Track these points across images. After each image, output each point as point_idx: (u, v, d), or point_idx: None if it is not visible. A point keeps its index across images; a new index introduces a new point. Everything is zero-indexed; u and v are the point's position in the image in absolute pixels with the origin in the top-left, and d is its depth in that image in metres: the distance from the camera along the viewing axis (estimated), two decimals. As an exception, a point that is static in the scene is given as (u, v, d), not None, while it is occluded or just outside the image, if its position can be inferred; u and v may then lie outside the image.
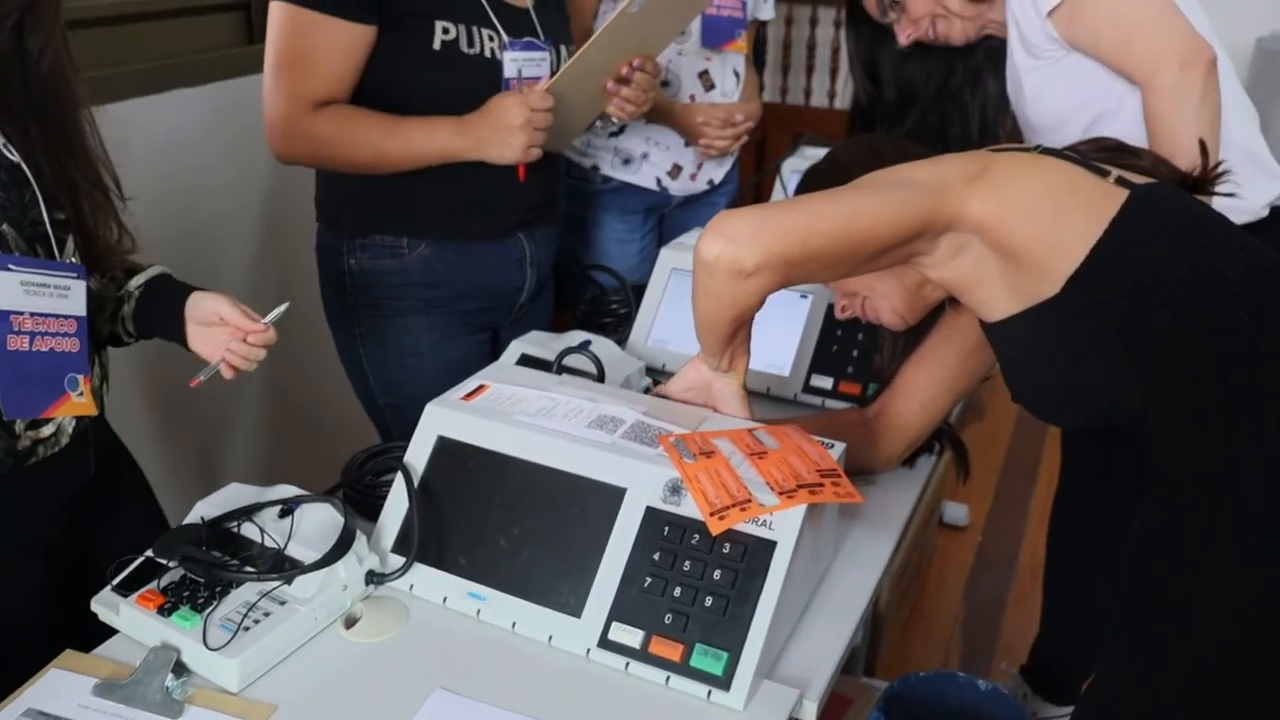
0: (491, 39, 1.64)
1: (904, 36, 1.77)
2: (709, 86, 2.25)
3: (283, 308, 1.30)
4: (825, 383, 1.62)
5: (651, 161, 2.25)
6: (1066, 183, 1.16)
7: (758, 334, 1.30)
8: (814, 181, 1.40)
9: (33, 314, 1.18)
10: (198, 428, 2.33)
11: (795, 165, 2.35)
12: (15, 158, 1.17)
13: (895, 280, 1.33)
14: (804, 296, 1.65)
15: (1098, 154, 1.23)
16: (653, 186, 2.27)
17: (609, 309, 1.81)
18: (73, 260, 1.23)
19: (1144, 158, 1.25)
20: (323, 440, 2.63)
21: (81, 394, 1.22)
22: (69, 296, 1.22)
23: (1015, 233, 1.13)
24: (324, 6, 1.55)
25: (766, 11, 2.42)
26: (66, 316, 1.22)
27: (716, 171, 2.34)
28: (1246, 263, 1.13)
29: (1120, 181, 1.15)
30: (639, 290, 1.84)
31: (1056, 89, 1.65)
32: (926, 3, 1.74)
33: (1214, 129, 1.45)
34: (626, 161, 2.25)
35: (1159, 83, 1.48)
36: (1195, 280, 1.11)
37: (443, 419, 1.25)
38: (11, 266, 1.17)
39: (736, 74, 2.31)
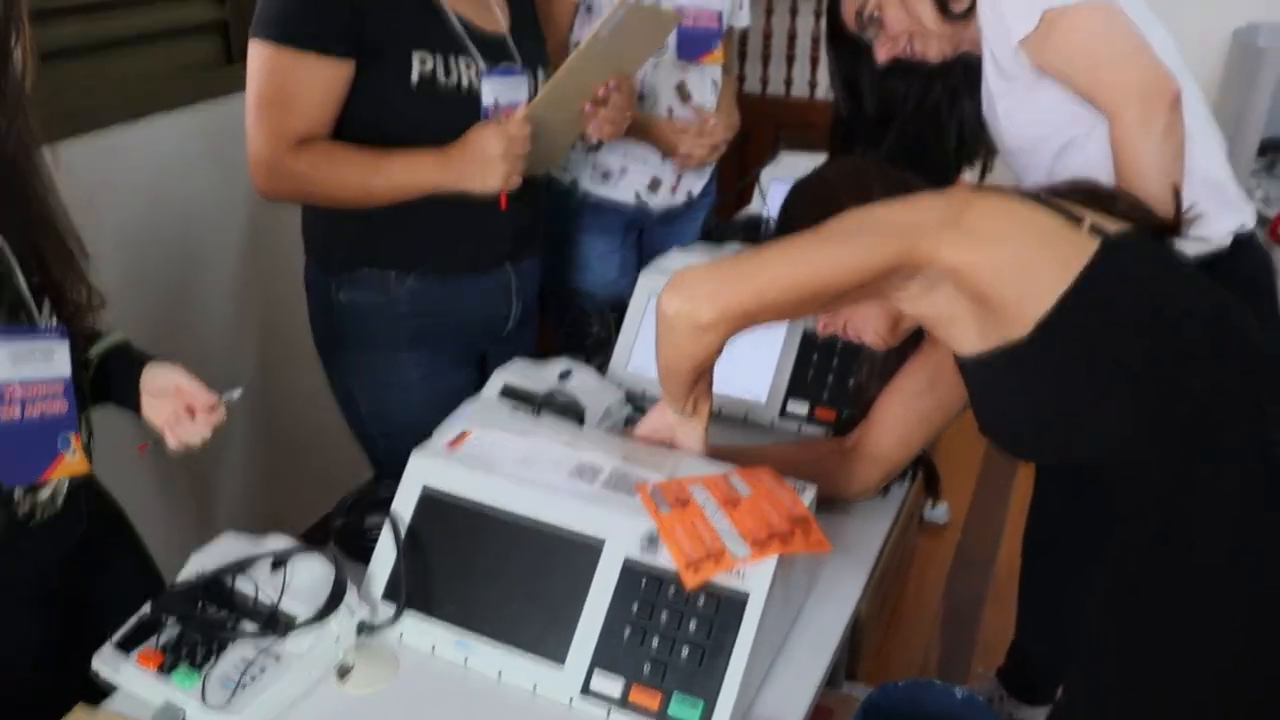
0: (469, 67, 1.67)
1: (882, 54, 1.79)
2: (686, 98, 2.28)
3: (237, 391, 1.32)
4: (801, 408, 1.66)
5: (630, 176, 2.28)
6: (1040, 232, 1.18)
7: (735, 360, 1.38)
8: (800, 200, 1.42)
9: (22, 382, 1.21)
10: (187, 460, 2.36)
11: (774, 173, 2.37)
12: None
13: (878, 302, 1.35)
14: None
15: (1075, 196, 1.26)
16: (631, 201, 2.30)
17: (590, 331, 1.84)
18: (51, 323, 1.26)
19: (1120, 201, 1.27)
20: (314, 466, 2.67)
21: (74, 452, 1.25)
22: (54, 360, 1.25)
23: (986, 280, 1.16)
24: (302, 44, 1.57)
25: (743, 19, 2.44)
26: (53, 379, 1.25)
27: (695, 184, 2.37)
28: (1211, 314, 1.17)
29: (1094, 229, 1.17)
30: (620, 309, 1.88)
31: (1027, 113, 1.69)
32: (904, 19, 1.76)
33: (1177, 164, 1.49)
34: (605, 176, 2.28)
35: (1124, 116, 1.52)
36: (1159, 329, 1.15)
37: (428, 470, 1.29)
38: None
39: (714, 84, 2.33)
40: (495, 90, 1.68)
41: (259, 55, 1.60)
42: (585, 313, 1.86)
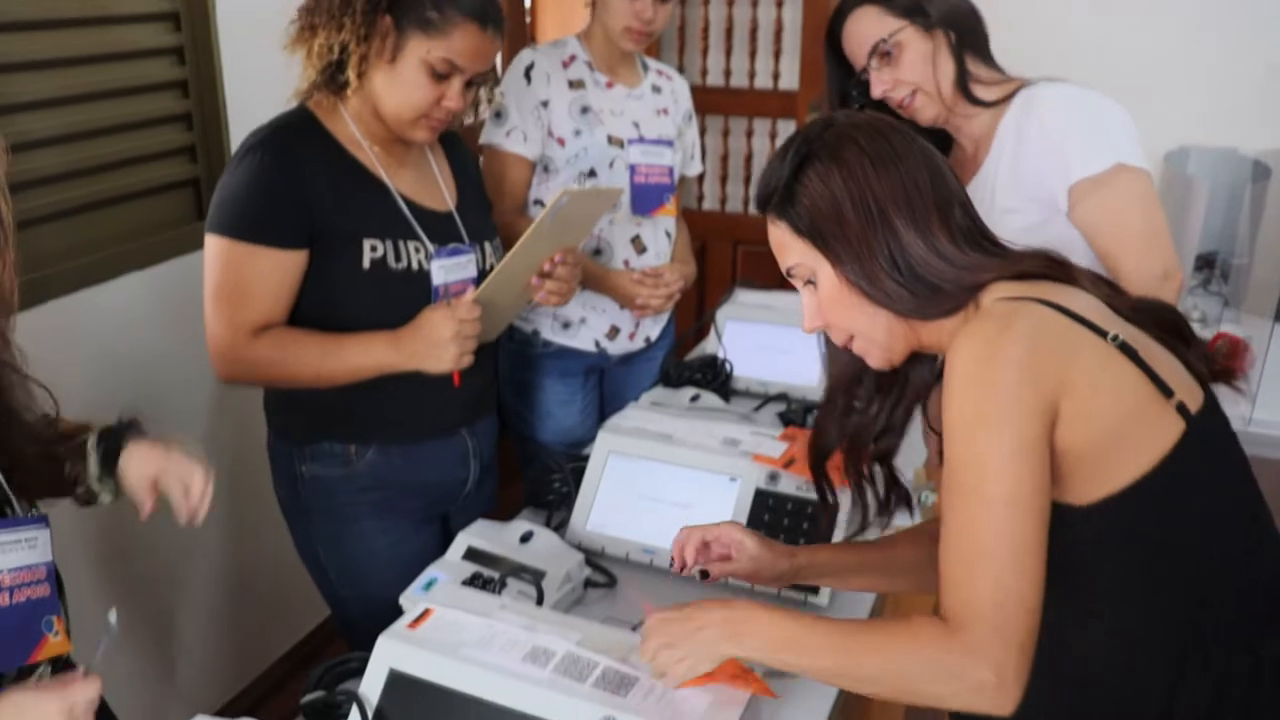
0: (418, 250, 1.75)
1: (877, 89, 1.82)
2: (641, 250, 2.37)
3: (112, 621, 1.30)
4: None
5: (590, 325, 2.36)
6: (1135, 410, 1.13)
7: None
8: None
9: (9, 570, 1.27)
10: (153, 614, 2.40)
11: (730, 313, 2.46)
12: None
13: (904, 325, 1.26)
14: (732, 480, 1.75)
15: (1155, 324, 1.22)
16: (591, 349, 2.38)
17: (552, 487, 1.90)
18: (34, 512, 1.32)
19: (1196, 347, 1.23)
20: (286, 616, 2.70)
21: (58, 634, 1.31)
22: (37, 546, 1.31)
23: (1078, 448, 1.12)
24: (256, 238, 1.65)
25: (695, 167, 2.55)
26: (37, 565, 1.31)
27: (653, 329, 2.45)
28: (1257, 535, 1.20)
29: (1180, 409, 1.13)
30: (580, 458, 1.94)
31: (1033, 233, 1.74)
32: (919, 73, 1.79)
33: None
34: (566, 326, 2.36)
35: (1140, 290, 1.61)
36: (1206, 548, 1.16)
37: (393, 652, 1.33)
38: None
39: (668, 234, 2.42)
40: (444, 270, 1.76)
41: (215, 248, 1.68)
42: (547, 468, 1.92)
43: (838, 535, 1.65)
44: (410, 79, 1.68)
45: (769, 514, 1.71)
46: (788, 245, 1.25)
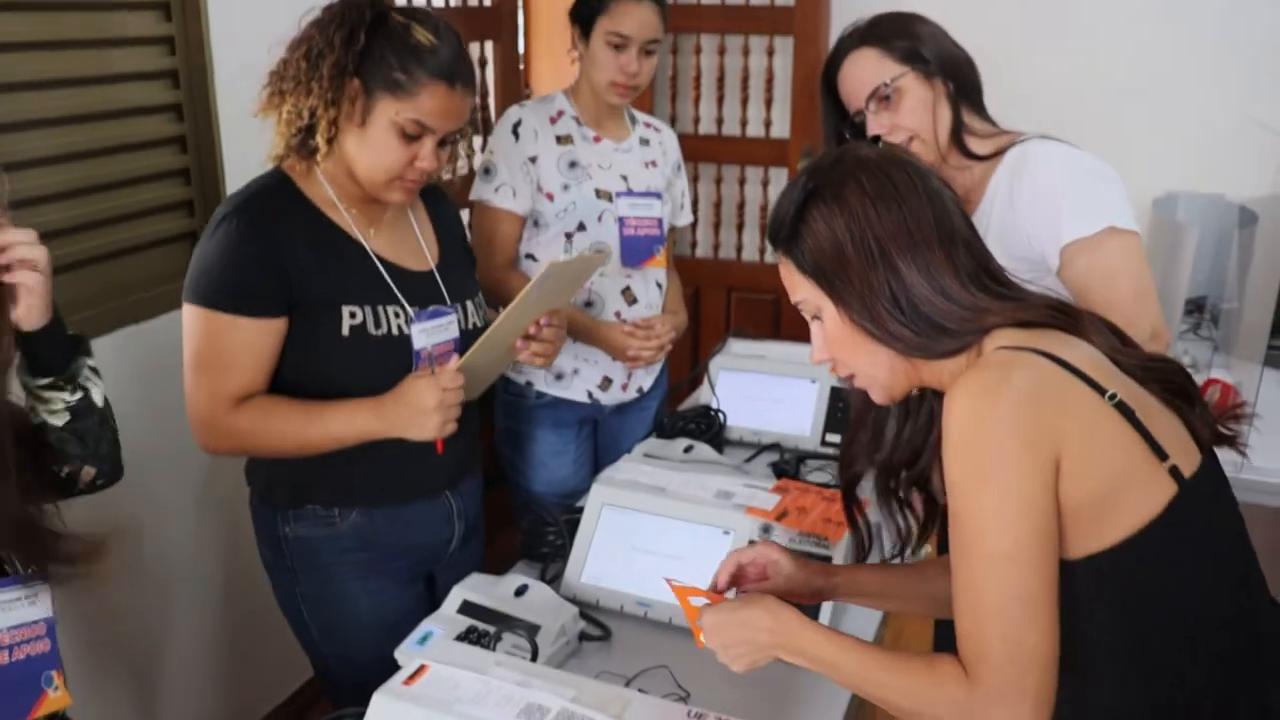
0: (397, 315, 1.74)
1: (874, 132, 1.81)
2: (632, 301, 2.39)
3: None
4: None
5: (582, 376, 2.38)
6: (1127, 470, 1.14)
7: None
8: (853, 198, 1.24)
9: (9, 629, 1.28)
10: (140, 669, 2.39)
11: (723, 363, 2.47)
12: None
13: (906, 364, 1.27)
14: (726, 533, 1.76)
15: (1162, 386, 1.22)
16: (585, 400, 2.40)
17: (546, 540, 1.91)
18: (31, 570, 1.33)
19: (1202, 410, 1.24)
20: (275, 672, 2.70)
21: (57, 688, 1.33)
22: (38, 603, 1.33)
23: (1074, 501, 1.13)
24: (234, 308, 1.64)
25: (684, 218, 2.58)
26: (36, 621, 1.32)
27: (646, 380, 2.47)
28: (1244, 599, 1.21)
29: (1173, 472, 1.14)
30: (574, 510, 1.95)
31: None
32: (919, 120, 1.80)
33: None
34: (559, 377, 2.38)
35: None
36: (1192, 609, 1.17)
37: (389, 709, 1.34)
38: None
39: (659, 285, 2.45)
40: (425, 333, 1.75)
41: (193, 318, 1.66)
42: (541, 520, 1.93)
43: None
44: (381, 141, 1.66)
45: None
46: (795, 282, 1.29)
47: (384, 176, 1.69)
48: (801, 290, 1.28)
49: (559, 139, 2.33)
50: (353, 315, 1.70)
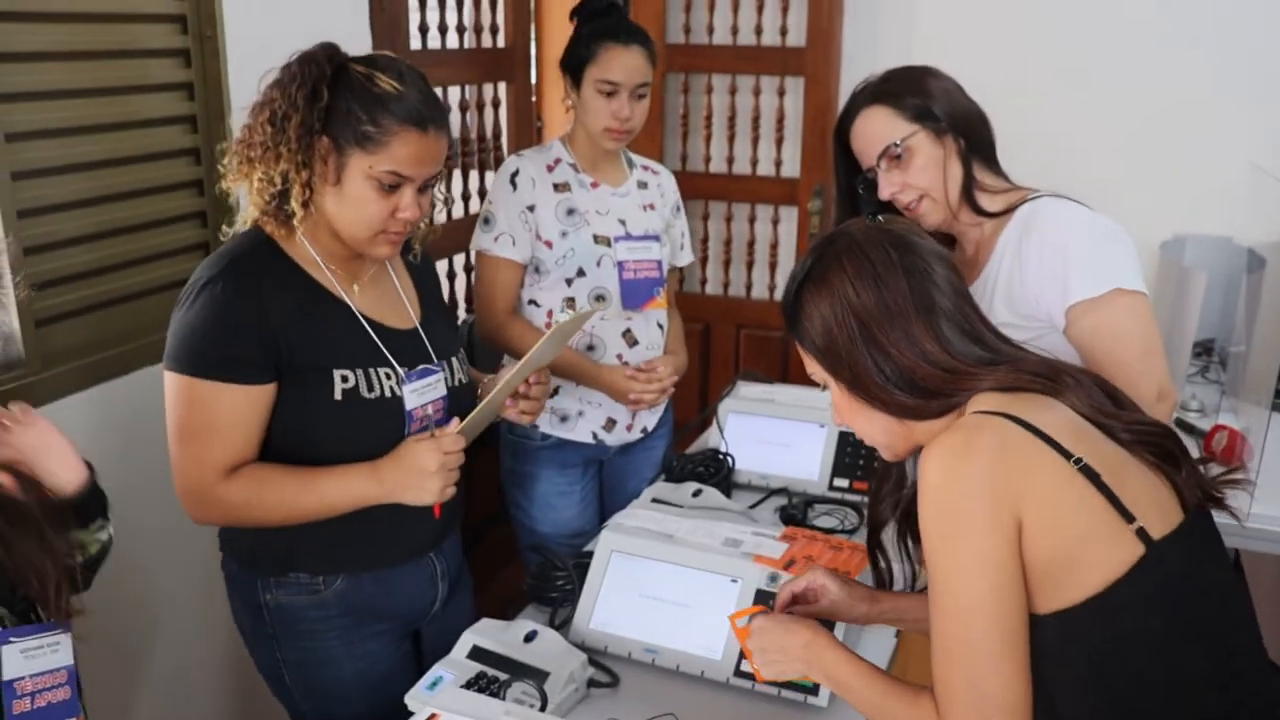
0: (389, 376, 1.71)
1: (885, 190, 1.84)
2: (633, 343, 2.42)
3: None
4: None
5: (587, 418, 2.41)
6: (1090, 531, 1.20)
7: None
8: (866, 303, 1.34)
9: (32, 676, 1.31)
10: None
11: (732, 406, 2.49)
12: None
13: (901, 426, 1.36)
14: (733, 581, 1.78)
15: (1146, 448, 1.27)
16: (589, 441, 2.43)
17: (556, 585, 1.92)
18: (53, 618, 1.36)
19: (1189, 472, 1.28)
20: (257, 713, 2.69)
21: None
22: (59, 650, 1.36)
23: (1035, 569, 1.20)
24: (221, 376, 1.59)
25: (685, 258, 2.62)
26: (58, 669, 1.35)
27: (650, 419, 2.50)
28: (1216, 662, 1.23)
29: (1141, 534, 1.19)
30: (583, 554, 1.97)
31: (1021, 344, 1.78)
32: (930, 179, 1.81)
33: None
34: (564, 419, 2.40)
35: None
36: (1162, 668, 1.21)
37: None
38: (12, 639, 1.31)
39: (660, 326, 2.47)
40: (417, 394, 1.73)
41: (177, 387, 1.61)
42: (551, 565, 1.94)
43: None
44: (359, 196, 1.62)
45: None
46: (804, 357, 1.42)
47: (366, 232, 1.65)
48: (810, 365, 1.41)
49: (556, 186, 2.37)
50: (345, 379, 1.67)
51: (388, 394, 1.71)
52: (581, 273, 2.36)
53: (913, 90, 1.84)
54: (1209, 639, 1.24)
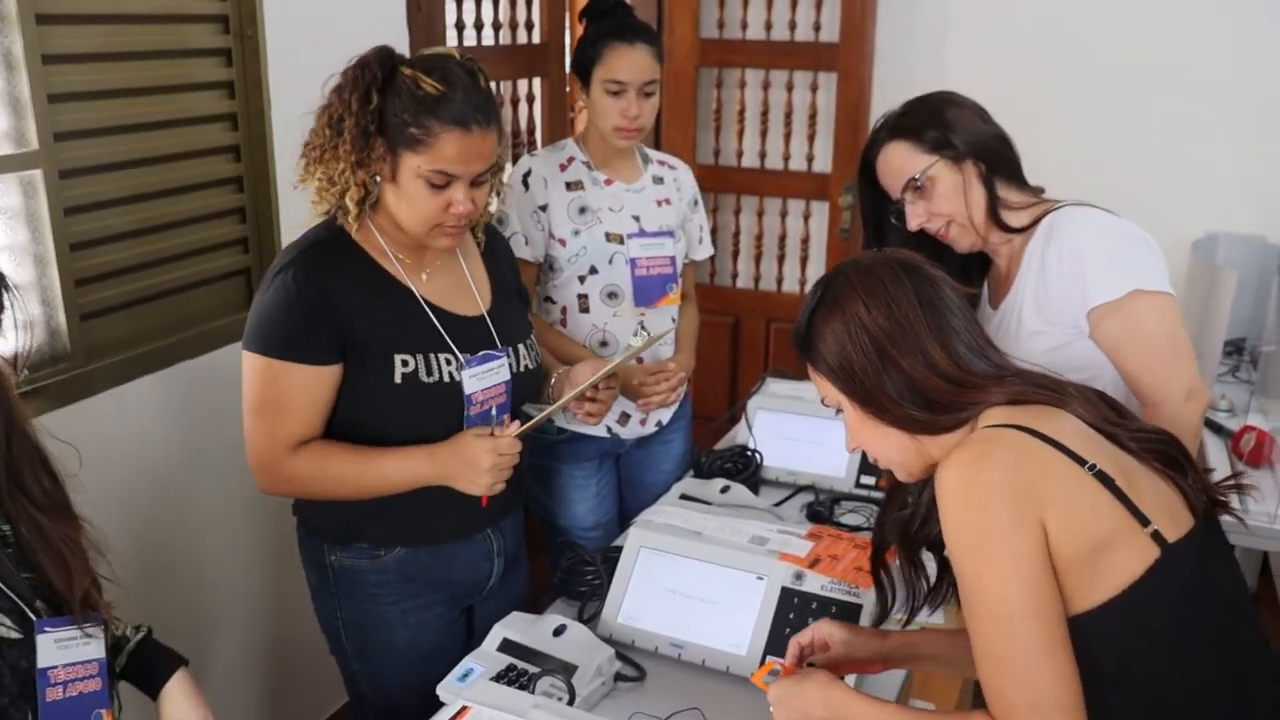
0: (449, 362, 1.79)
1: (913, 221, 1.88)
2: None
3: None
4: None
5: None
6: (1108, 534, 1.22)
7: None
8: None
9: (65, 665, 1.36)
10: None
11: (761, 403, 2.52)
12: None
13: (915, 444, 1.38)
14: (759, 578, 1.80)
15: (1154, 456, 1.30)
16: (604, 435, 2.47)
17: (585, 579, 1.96)
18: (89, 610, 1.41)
19: (1195, 478, 1.32)
20: (310, 697, 2.77)
21: None
22: (92, 643, 1.41)
23: (1059, 571, 1.22)
24: (291, 356, 1.71)
25: (703, 251, 2.64)
26: (90, 660, 1.40)
27: (665, 413, 2.53)
28: (1228, 662, 1.26)
29: (1156, 537, 1.22)
30: (610, 549, 2.00)
31: (1061, 354, 1.80)
32: (953, 205, 1.85)
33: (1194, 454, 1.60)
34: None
35: (1164, 410, 1.66)
36: (1175, 670, 1.24)
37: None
38: (47, 629, 1.36)
39: (674, 320, 2.50)
40: (476, 379, 1.80)
41: (252, 366, 1.73)
42: (581, 559, 1.98)
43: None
44: (413, 193, 1.70)
45: (794, 612, 1.76)
46: (817, 380, 1.44)
47: (423, 227, 1.74)
48: (823, 388, 1.43)
49: (569, 185, 2.40)
50: (405, 363, 1.75)
51: (446, 379, 1.78)
52: (594, 270, 2.40)
53: (930, 122, 1.87)
54: (1222, 640, 1.27)
